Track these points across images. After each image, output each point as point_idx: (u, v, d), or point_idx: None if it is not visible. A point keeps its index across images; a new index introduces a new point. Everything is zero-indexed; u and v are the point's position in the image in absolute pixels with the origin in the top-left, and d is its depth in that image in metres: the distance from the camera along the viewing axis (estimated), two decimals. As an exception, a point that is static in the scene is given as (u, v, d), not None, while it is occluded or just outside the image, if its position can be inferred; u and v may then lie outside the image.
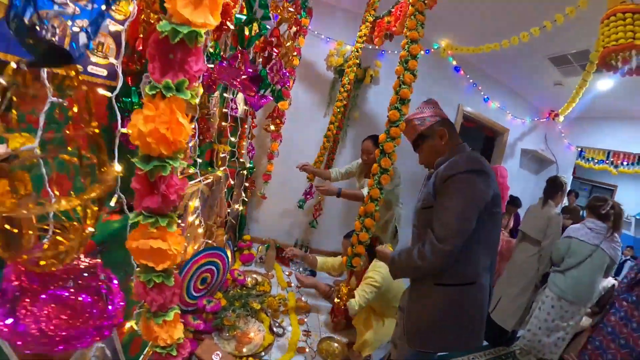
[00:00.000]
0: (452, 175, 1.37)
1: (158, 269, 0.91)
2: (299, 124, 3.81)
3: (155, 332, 1.02)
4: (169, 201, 0.85)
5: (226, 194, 2.67)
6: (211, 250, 2.21)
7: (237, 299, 2.52)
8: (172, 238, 0.91)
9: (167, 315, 1.03)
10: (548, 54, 3.71)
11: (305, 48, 3.40)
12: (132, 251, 0.89)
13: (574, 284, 2.61)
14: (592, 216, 2.71)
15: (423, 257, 1.37)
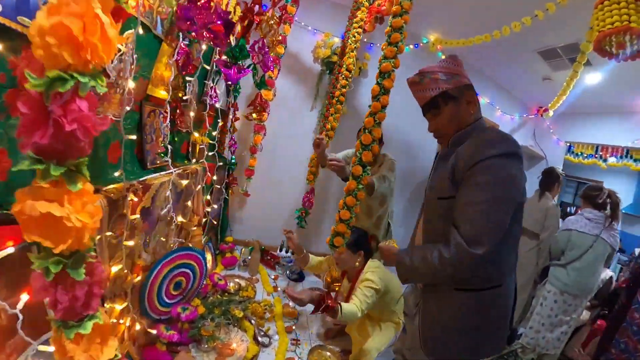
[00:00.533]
0: (484, 159, 1.09)
1: (56, 250, 0.63)
2: (284, 118, 3.65)
3: (67, 351, 0.71)
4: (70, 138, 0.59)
5: (204, 190, 2.43)
6: (186, 250, 1.97)
7: (216, 306, 2.29)
8: (76, 202, 0.63)
9: (83, 326, 0.72)
10: (537, 47, 3.67)
11: (292, 40, 3.26)
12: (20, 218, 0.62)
13: (577, 277, 2.56)
14: (589, 206, 2.69)
15: (445, 262, 1.10)
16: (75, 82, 0.55)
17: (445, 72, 1.26)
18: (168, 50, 1.79)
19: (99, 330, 0.75)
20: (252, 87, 3.42)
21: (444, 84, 1.25)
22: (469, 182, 1.11)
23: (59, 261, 0.63)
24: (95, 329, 0.74)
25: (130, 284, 1.55)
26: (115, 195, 1.29)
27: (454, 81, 1.26)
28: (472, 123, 1.27)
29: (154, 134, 1.81)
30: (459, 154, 1.17)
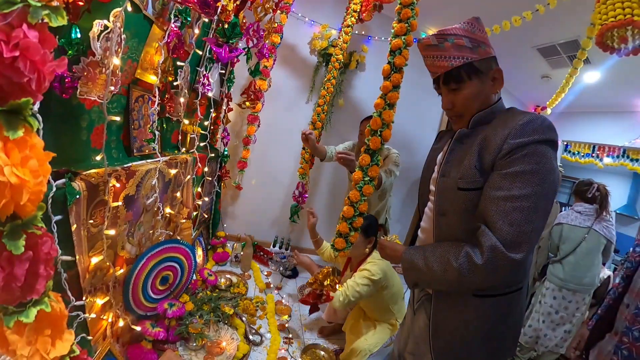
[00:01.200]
0: (526, 145, 0.91)
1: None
2: (279, 110, 3.56)
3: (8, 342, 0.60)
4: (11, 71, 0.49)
5: (195, 182, 2.33)
6: (173, 243, 1.87)
7: (206, 303, 2.19)
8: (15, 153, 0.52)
9: (25, 313, 0.61)
10: (536, 44, 3.64)
11: (288, 31, 3.21)
12: None
13: (572, 271, 2.56)
14: (579, 200, 2.72)
15: (476, 268, 0.91)
16: (24, 5, 0.45)
17: (471, 37, 1.03)
18: (159, 33, 1.70)
19: (47, 320, 0.64)
20: (246, 78, 3.33)
21: (470, 53, 1.02)
22: (507, 171, 0.92)
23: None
24: (42, 319, 0.63)
25: (112, 277, 1.46)
26: (96, 180, 1.19)
27: (482, 51, 1.04)
28: (495, 103, 1.09)
29: (142, 120, 1.72)
30: (489, 135, 0.99)
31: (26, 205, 0.53)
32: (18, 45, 0.46)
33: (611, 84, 3.96)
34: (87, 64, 1.25)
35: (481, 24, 1.09)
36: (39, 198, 0.59)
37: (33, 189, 0.53)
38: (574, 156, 5.30)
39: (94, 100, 1.32)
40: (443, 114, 4.34)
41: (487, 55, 1.05)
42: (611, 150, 4.87)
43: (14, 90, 0.49)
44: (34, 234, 0.60)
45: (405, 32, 1.59)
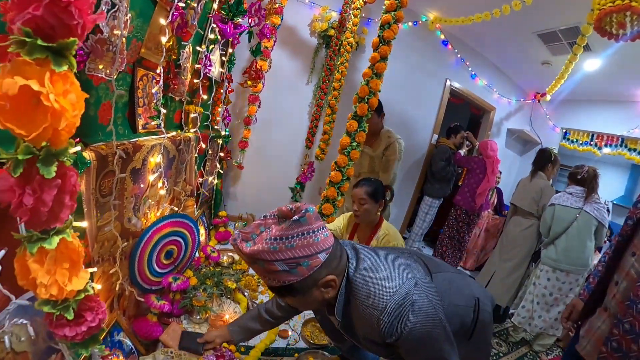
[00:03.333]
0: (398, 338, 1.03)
1: (29, 138, 0.56)
2: (280, 91, 3.59)
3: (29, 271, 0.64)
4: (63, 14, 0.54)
5: (197, 160, 2.38)
6: (177, 217, 1.93)
7: (209, 277, 2.26)
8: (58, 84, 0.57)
9: (48, 240, 0.65)
10: (537, 30, 3.63)
11: (288, 13, 3.22)
12: None
13: (564, 251, 2.61)
14: (572, 183, 2.78)
15: None
16: None
17: (284, 259, 0.91)
18: (163, 13, 1.72)
19: (67, 253, 0.69)
20: (246, 60, 3.35)
21: (288, 275, 0.94)
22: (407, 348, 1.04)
23: (29, 150, 0.58)
24: (63, 250, 0.68)
25: (118, 248, 1.51)
26: (105, 151, 1.24)
27: (302, 270, 0.94)
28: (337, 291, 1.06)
29: (146, 98, 1.76)
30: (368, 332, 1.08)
31: (61, 134, 0.58)
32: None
33: (612, 73, 3.96)
34: (96, 41, 1.29)
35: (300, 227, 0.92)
36: (72, 131, 0.64)
37: (70, 120, 0.58)
38: (573, 144, 5.31)
39: (101, 77, 1.35)
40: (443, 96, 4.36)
41: (311, 271, 0.95)
42: (610, 139, 4.87)
43: (63, 32, 0.56)
44: (63, 164, 0.64)
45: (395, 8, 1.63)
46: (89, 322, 0.74)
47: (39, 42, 0.53)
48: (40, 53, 0.54)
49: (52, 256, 0.65)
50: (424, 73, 4.13)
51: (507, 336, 2.90)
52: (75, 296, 0.72)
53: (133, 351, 1.68)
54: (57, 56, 0.57)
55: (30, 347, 1.09)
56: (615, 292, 1.32)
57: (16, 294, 0.96)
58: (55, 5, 0.52)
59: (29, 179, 0.58)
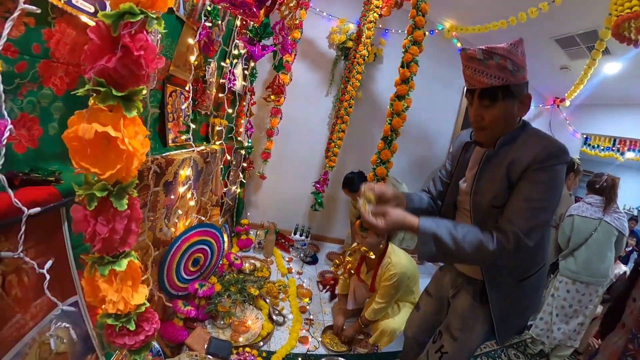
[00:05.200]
0: (550, 166, 1.08)
1: (104, 177, 0.63)
2: (300, 103, 3.66)
3: (99, 290, 0.72)
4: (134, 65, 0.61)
5: (222, 171, 2.48)
6: (205, 227, 2.01)
7: (232, 284, 2.34)
8: (130, 128, 0.64)
9: (118, 263, 0.73)
10: (554, 35, 3.59)
11: (307, 26, 3.27)
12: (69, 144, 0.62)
13: (585, 263, 2.53)
14: (590, 192, 2.70)
15: (503, 250, 1.08)
16: (144, 16, 0.58)
17: (514, 60, 1.09)
18: (190, 32, 1.83)
19: (131, 272, 0.77)
20: (267, 72, 3.45)
21: (510, 75, 1.09)
22: (530, 179, 1.10)
23: (105, 187, 0.65)
24: (128, 270, 0.76)
25: (150, 256, 1.60)
26: (141, 167, 1.33)
27: (519, 76, 1.11)
28: (517, 128, 1.20)
29: (175, 113, 1.86)
30: (515, 159, 1.13)
31: (132, 171, 0.66)
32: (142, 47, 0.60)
33: (633, 76, 3.85)
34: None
35: (523, 46, 1.14)
36: (137, 168, 0.72)
37: (139, 158, 0.66)
38: (594, 149, 5.20)
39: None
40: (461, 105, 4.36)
41: (523, 80, 1.13)
42: (633, 144, 4.77)
43: (132, 81, 0.63)
44: (131, 197, 0.73)
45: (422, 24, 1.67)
46: (146, 332, 0.82)
47: (113, 92, 0.60)
48: (113, 101, 0.61)
49: (121, 276, 0.74)
50: (441, 82, 4.14)
51: (525, 348, 2.84)
52: (136, 309, 0.80)
53: (160, 353, 1.76)
54: (127, 102, 0.64)
55: (69, 348, 1.18)
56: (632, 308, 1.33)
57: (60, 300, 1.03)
58: (127, 58, 0.59)
59: (102, 211, 0.66)
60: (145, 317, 0.84)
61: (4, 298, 0.86)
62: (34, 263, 0.87)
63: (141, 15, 0.57)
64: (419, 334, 1.75)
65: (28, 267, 0.91)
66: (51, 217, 1.02)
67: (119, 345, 0.82)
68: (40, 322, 1.01)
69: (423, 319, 1.72)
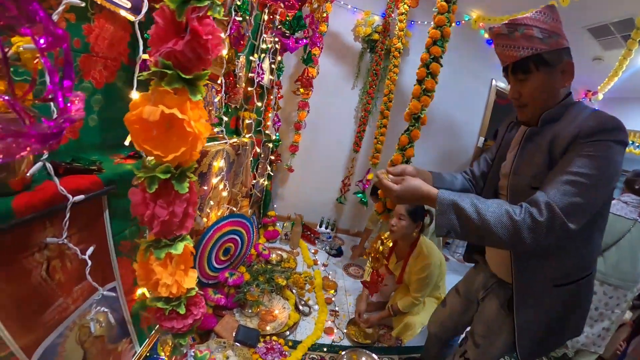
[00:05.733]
0: (601, 141, 0.94)
1: (166, 159, 0.64)
2: (326, 96, 3.67)
3: (155, 274, 0.74)
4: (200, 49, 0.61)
5: (252, 164, 2.53)
6: (236, 217, 2.07)
7: (261, 274, 2.39)
8: (195, 111, 0.65)
9: (174, 246, 0.74)
10: (587, 24, 3.44)
11: (332, 19, 3.27)
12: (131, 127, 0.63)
13: (615, 265, 2.41)
14: (628, 191, 2.57)
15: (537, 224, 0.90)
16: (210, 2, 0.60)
17: (542, 28, 1.01)
18: (221, 26, 1.86)
19: (184, 256, 0.79)
20: (293, 66, 3.48)
21: (540, 43, 1.01)
22: (575, 152, 0.96)
23: (168, 170, 0.66)
24: (182, 254, 0.77)
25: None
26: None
27: (552, 42, 1.01)
28: (565, 98, 1.09)
29: (208, 106, 1.91)
30: (559, 134, 1.02)
31: (194, 154, 0.69)
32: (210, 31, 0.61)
33: None
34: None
35: (555, 12, 1.05)
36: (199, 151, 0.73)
37: (203, 141, 0.69)
38: (629, 146, 5.00)
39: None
40: (489, 98, 4.28)
41: (559, 46, 1.02)
42: (671, 140, 4.52)
43: (198, 64, 0.64)
44: (190, 180, 0.74)
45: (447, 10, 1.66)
46: (194, 316, 0.85)
47: (180, 74, 0.62)
48: (179, 83, 0.63)
49: (176, 260, 0.76)
50: (469, 74, 4.06)
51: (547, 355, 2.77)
52: (187, 293, 0.83)
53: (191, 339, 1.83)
54: (192, 86, 0.65)
55: (106, 332, 1.24)
56: None
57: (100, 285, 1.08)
58: (195, 42, 0.61)
59: (161, 194, 0.69)
60: (194, 301, 0.86)
61: (48, 282, 0.91)
62: (76, 249, 0.92)
63: (208, 1, 0.59)
64: (442, 331, 1.73)
65: (71, 253, 0.96)
66: (93, 205, 1.08)
67: (166, 328, 0.85)
68: (81, 306, 1.07)
69: (448, 317, 1.68)
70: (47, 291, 0.92)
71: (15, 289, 0.81)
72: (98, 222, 1.12)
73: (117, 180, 1.12)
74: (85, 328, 1.10)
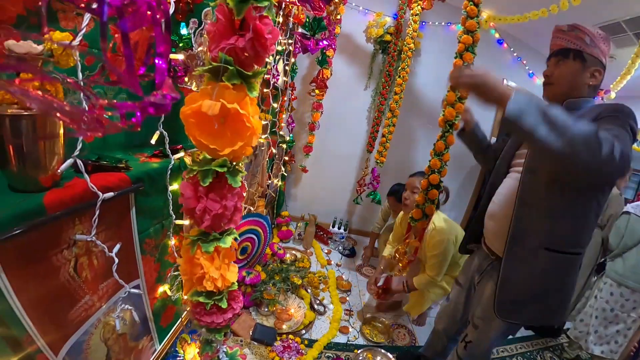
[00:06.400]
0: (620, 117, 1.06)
1: (224, 153, 0.65)
2: (339, 97, 3.68)
3: (201, 268, 0.74)
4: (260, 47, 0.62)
5: (267, 164, 2.56)
6: (254, 217, 2.10)
7: (277, 273, 2.42)
8: (252, 107, 0.66)
9: (223, 239, 0.75)
10: (598, 22, 3.40)
11: (344, 20, 3.28)
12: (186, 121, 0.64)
13: (633, 267, 2.37)
14: None
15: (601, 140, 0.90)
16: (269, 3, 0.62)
17: (592, 38, 1.23)
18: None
19: (228, 251, 0.82)
20: (306, 68, 3.51)
21: (585, 45, 1.23)
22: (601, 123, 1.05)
23: (224, 163, 0.68)
24: (228, 249, 0.79)
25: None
26: (198, 156, 1.42)
27: (594, 51, 1.23)
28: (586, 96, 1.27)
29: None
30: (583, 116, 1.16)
31: (248, 149, 0.70)
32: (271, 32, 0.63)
33: None
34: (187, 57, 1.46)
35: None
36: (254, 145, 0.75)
37: (258, 136, 0.70)
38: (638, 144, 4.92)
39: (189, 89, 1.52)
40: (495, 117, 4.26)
41: (598, 56, 1.23)
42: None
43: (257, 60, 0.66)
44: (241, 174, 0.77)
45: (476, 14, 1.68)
46: (234, 310, 0.87)
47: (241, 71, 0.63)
48: (238, 80, 0.64)
49: (223, 254, 0.78)
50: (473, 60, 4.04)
51: (562, 352, 2.73)
52: (229, 287, 0.85)
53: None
54: (250, 83, 0.67)
55: (129, 329, 1.27)
56: None
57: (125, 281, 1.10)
58: (257, 40, 0.62)
59: (214, 188, 0.70)
60: (234, 296, 0.88)
61: (75, 279, 0.92)
62: (104, 247, 0.93)
63: (267, 1, 0.61)
64: (450, 326, 1.79)
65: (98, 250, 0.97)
66: (121, 203, 1.09)
67: (204, 323, 0.86)
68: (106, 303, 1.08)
69: (453, 310, 1.75)
70: (74, 288, 0.93)
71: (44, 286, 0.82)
72: (125, 220, 1.14)
73: (144, 178, 1.14)
74: (109, 325, 1.12)
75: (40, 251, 0.79)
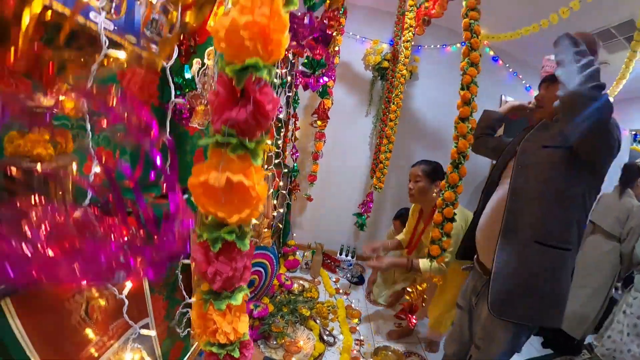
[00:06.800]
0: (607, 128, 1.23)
1: (231, 220, 0.65)
2: (341, 124, 3.74)
3: (214, 323, 0.74)
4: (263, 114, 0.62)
5: (273, 195, 2.58)
6: (261, 250, 2.10)
7: (284, 305, 2.40)
8: (258, 175, 0.66)
9: (234, 297, 0.75)
10: (589, 30, 3.46)
11: (343, 49, 3.38)
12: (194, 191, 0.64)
13: None
14: None
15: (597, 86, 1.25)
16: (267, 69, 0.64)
17: None
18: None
19: (240, 305, 0.83)
20: (308, 99, 3.58)
21: None
22: None
23: (232, 231, 0.71)
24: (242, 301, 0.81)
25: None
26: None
27: None
28: None
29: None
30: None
31: (254, 214, 0.72)
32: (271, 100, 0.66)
33: None
34: (191, 97, 1.50)
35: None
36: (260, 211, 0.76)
37: (263, 201, 0.73)
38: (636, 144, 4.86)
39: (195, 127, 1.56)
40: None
41: None
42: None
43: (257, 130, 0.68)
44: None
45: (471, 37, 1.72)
46: (245, 357, 0.87)
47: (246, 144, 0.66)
48: (242, 150, 0.67)
49: (234, 309, 0.80)
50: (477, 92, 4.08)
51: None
52: (241, 337, 0.86)
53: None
54: (255, 152, 0.69)
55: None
56: None
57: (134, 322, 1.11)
58: (258, 111, 0.64)
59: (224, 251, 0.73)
60: (245, 345, 0.89)
61: (86, 322, 0.93)
62: (115, 290, 0.94)
63: (265, 69, 0.63)
64: (459, 349, 1.79)
65: (108, 292, 0.97)
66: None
67: None
68: (116, 343, 1.08)
69: (459, 334, 1.77)
70: (85, 331, 0.94)
71: (56, 331, 0.83)
72: (134, 268, 1.16)
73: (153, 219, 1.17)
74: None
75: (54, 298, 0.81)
